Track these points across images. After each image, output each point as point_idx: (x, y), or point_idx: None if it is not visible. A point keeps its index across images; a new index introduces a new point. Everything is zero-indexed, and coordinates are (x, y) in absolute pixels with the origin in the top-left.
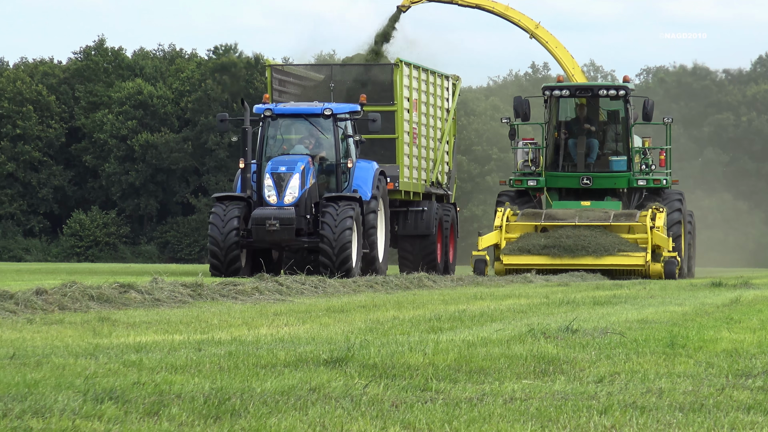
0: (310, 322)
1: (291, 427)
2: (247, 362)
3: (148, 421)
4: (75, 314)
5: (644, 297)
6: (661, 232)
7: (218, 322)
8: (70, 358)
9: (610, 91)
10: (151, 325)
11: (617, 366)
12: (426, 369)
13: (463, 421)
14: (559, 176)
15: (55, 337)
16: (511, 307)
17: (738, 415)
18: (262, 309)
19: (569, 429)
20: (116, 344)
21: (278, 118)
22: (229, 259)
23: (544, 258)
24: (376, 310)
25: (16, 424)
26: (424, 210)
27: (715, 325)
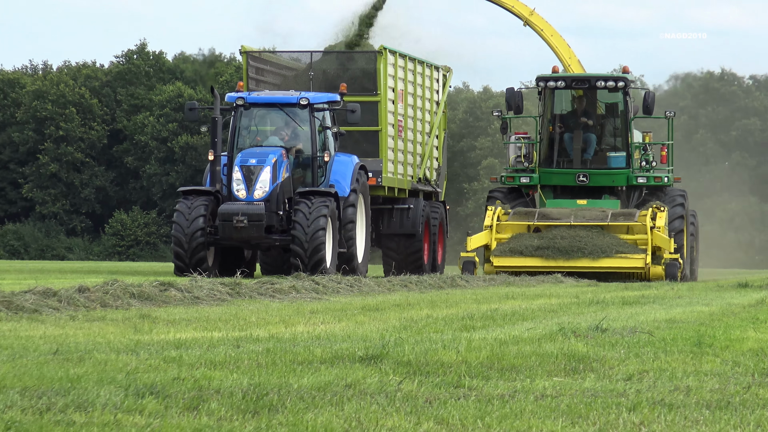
0: (345, 320)
1: (327, 422)
2: (284, 359)
3: (188, 416)
4: (116, 311)
5: (672, 297)
6: (662, 232)
7: (256, 319)
8: (112, 353)
9: (609, 82)
10: (191, 323)
11: (645, 364)
12: (459, 366)
13: (495, 417)
14: (553, 173)
15: (97, 333)
16: (542, 307)
17: (764, 412)
18: (299, 307)
19: (599, 425)
20: (156, 341)
21: (251, 107)
22: (194, 261)
23: (537, 260)
24: (410, 309)
25: (60, 417)
26: (410, 208)
27: (742, 324)
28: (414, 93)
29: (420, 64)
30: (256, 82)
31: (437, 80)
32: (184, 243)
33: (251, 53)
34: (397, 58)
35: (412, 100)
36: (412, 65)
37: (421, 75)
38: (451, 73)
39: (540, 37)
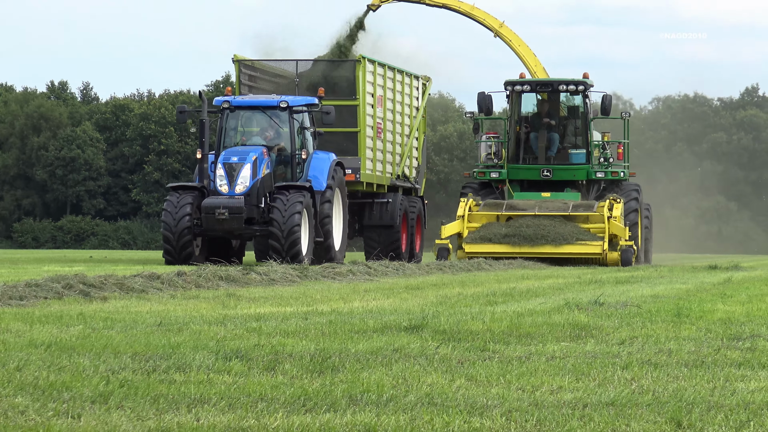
0: (392, 297)
1: (379, 379)
2: (343, 329)
3: (266, 375)
4: (208, 291)
5: (656, 277)
6: (617, 221)
7: (320, 297)
8: (204, 325)
9: (570, 86)
10: (268, 300)
11: (635, 331)
12: (484, 334)
13: (514, 374)
14: (520, 168)
15: (193, 309)
16: (551, 285)
17: (731, 370)
18: (355, 287)
19: (598, 381)
20: (240, 315)
21: (236, 110)
22: (180, 245)
23: (504, 246)
24: (444, 288)
25: (163, 377)
26: (388, 202)
27: (712, 299)
28: (393, 98)
29: (399, 73)
30: (249, 89)
31: (417, 88)
32: (172, 228)
33: (243, 62)
34: (376, 66)
35: (392, 104)
36: (391, 74)
37: (400, 83)
38: (431, 82)
39: (509, 47)
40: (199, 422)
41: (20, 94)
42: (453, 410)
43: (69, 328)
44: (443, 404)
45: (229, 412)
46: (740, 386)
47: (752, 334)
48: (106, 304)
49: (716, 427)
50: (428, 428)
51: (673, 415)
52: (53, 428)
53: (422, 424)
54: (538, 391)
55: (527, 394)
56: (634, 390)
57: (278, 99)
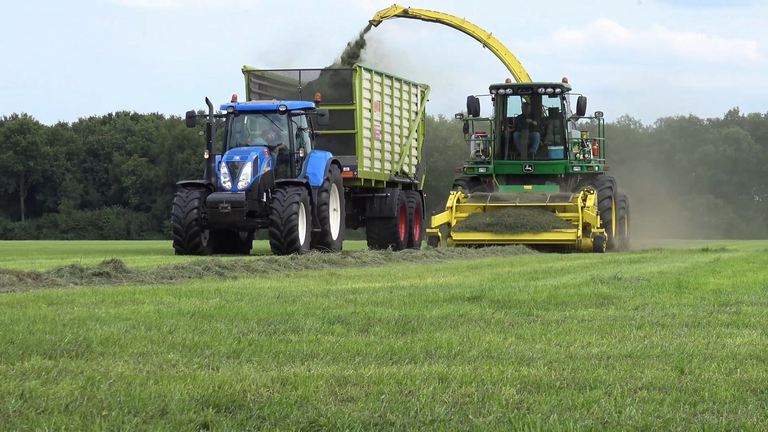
0: (457, 275)
1: (448, 338)
2: (420, 299)
3: (361, 335)
4: (315, 271)
5: (661, 258)
6: (591, 211)
7: (401, 275)
8: (313, 297)
9: (548, 89)
10: (361, 277)
11: (646, 299)
12: (529, 303)
13: (553, 333)
14: (505, 164)
15: (303, 285)
16: (580, 265)
17: (721, 329)
18: (428, 267)
19: (618, 338)
20: (340, 289)
21: (240, 114)
22: (189, 236)
23: (488, 234)
24: (497, 267)
25: (282, 338)
26: (387, 196)
27: (705, 274)
28: (391, 104)
29: (397, 81)
30: (259, 96)
31: (416, 95)
32: (182, 220)
33: (252, 72)
34: (373, 75)
35: (390, 109)
36: (389, 81)
37: (398, 90)
38: (429, 90)
39: (497, 56)
40: (310, 372)
41: (168, 120)
42: (506, 361)
43: (208, 300)
44: (498, 357)
45: (333, 364)
46: (729, 341)
47: (737, 301)
48: (236, 281)
49: (711, 373)
50: (487, 376)
51: (677, 364)
52: (198, 377)
53: (483, 372)
54: (572, 346)
55: (563, 348)
56: (646, 345)
57: (277, 103)
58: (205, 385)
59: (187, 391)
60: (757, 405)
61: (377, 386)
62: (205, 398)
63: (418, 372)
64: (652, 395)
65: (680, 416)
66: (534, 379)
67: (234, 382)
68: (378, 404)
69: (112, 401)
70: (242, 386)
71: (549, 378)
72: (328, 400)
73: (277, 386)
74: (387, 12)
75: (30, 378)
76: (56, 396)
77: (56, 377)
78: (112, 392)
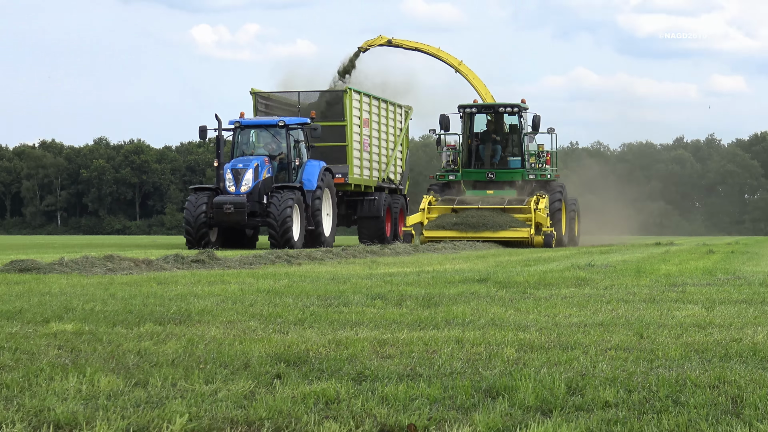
0: (469, 262)
1: (462, 310)
2: (441, 280)
3: (396, 308)
4: (359, 259)
5: (623, 250)
6: (542, 213)
7: (426, 262)
8: (358, 279)
9: (507, 108)
10: (395, 264)
11: (613, 281)
12: (524, 283)
13: (543, 306)
14: (471, 172)
15: (351, 269)
16: (563, 255)
17: (671, 304)
18: (446, 256)
19: (592, 310)
20: (380, 273)
21: (245, 128)
22: (199, 235)
23: (454, 232)
24: (499, 257)
25: (335, 309)
26: (375, 199)
27: (658, 262)
28: (378, 121)
29: (384, 102)
30: (265, 114)
31: (400, 114)
32: (192, 222)
33: (259, 93)
34: (362, 96)
35: (377, 125)
36: (376, 102)
37: (385, 109)
38: (412, 110)
39: (466, 80)
40: (357, 336)
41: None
42: (507, 328)
43: (279, 281)
44: (501, 325)
45: (374, 330)
46: (677, 313)
47: (683, 283)
48: (301, 267)
49: (663, 337)
50: (493, 339)
51: (637, 330)
52: (272, 339)
53: (489, 336)
54: (557, 316)
55: (550, 318)
56: (614, 316)
57: (277, 119)
58: (277, 345)
59: (264, 349)
60: (699, 362)
61: (409, 346)
62: (278, 355)
63: (439, 336)
64: (618, 354)
65: (641, 370)
66: (528, 342)
67: (300, 343)
68: (409, 360)
69: (207, 357)
70: (306, 346)
71: (540, 341)
72: (371, 357)
73: (332, 346)
74: (374, 41)
75: (144, 339)
76: (164, 353)
77: (164, 339)
78: (207, 350)
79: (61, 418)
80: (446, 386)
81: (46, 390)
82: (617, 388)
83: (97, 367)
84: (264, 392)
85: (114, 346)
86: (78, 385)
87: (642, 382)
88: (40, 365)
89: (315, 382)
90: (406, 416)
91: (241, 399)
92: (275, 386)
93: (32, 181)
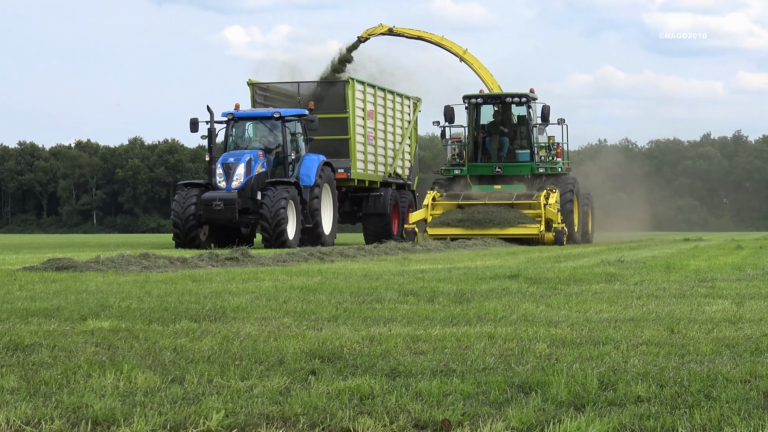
0: (500, 258)
1: (494, 306)
2: (472, 276)
3: (429, 304)
4: (392, 256)
5: (653, 246)
6: (552, 208)
7: (457, 258)
8: (390, 276)
9: (515, 98)
10: (427, 261)
11: (643, 277)
12: (554, 279)
13: (573, 302)
14: (477, 166)
15: (384, 266)
16: (593, 251)
17: (701, 299)
18: (477, 253)
19: (623, 306)
20: (412, 269)
21: (239, 120)
22: (186, 231)
23: (459, 229)
24: (530, 253)
25: (368, 306)
26: (380, 195)
27: (687, 258)
28: (384, 113)
29: (390, 93)
30: (264, 106)
31: (408, 106)
32: (180, 223)
33: (257, 85)
34: (365, 87)
35: (383, 118)
36: (382, 93)
37: (391, 101)
38: (421, 102)
39: (472, 69)
40: (390, 332)
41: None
42: (539, 324)
43: (312, 278)
44: (533, 320)
45: (407, 326)
46: (707, 308)
47: (712, 278)
48: (333, 264)
49: (694, 332)
50: (525, 335)
51: (668, 326)
52: (306, 335)
53: (521, 332)
54: (588, 312)
55: (581, 314)
56: (644, 311)
57: (272, 111)
58: (312, 342)
59: (299, 346)
60: (730, 356)
61: (441, 342)
62: (312, 351)
63: (472, 332)
64: (649, 349)
65: (672, 365)
66: (560, 337)
67: (333, 340)
68: (442, 356)
69: (243, 353)
70: (340, 342)
71: (571, 336)
72: (405, 353)
73: (366, 342)
74: (374, 30)
75: (180, 336)
76: (200, 350)
77: (200, 336)
78: (242, 347)
79: (99, 415)
80: (479, 382)
81: (84, 387)
82: (649, 383)
83: (134, 364)
84: (299, 388)
85: (150, 343)
86: (115, 382)
87: (674, 377)
88: (78, 362)
89: (349, 378)
90: (440, 411)
91: (277, 395)
92: (310, 382)
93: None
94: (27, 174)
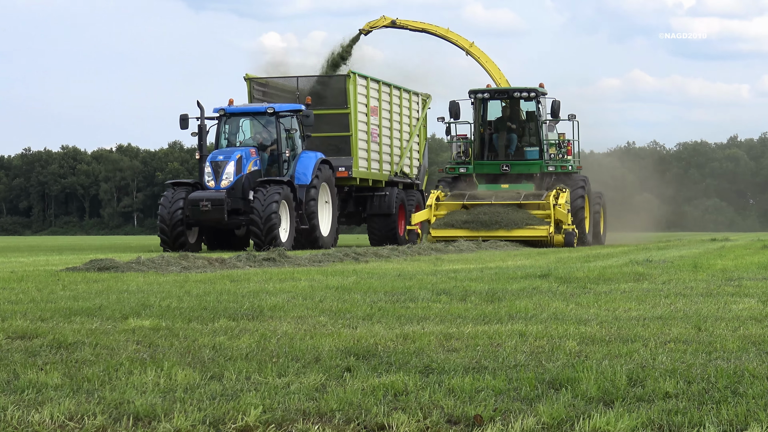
0: (530, 258)
1: (525, 305)
2: (503, 276)
3: (461, 303)
4: (425, 256)
5: (680, 246)
6: (562, 209)
7: (489, 258)
8: (424, 276)
9: (523, 93)
10: (459, 261)
11: (670, 276)
12: (584, 279)
13: (603, 301)
14: (484, 164)
15: (417, 266)
16: (622, 251)
17: (728, 297)
18: (508, 253)
19: (651, 304)
20: (444, 269)
21: (231, 116)
22: (174, 235)
23: (465, 231)
24: (559, 253)
25: (402, 305)
26: (386, 194)
27: (714, 257)
28: (390, 109)
29: (396, 88)
30: (262, 101)
31: (417, 102)
32: (167, 220)
33: (254, 79)
34: (368, 81)
35: (388, 114)
36: (387, 89)
37: (397, 97)
38: (430, 99)
39: (478, 63)
40: (424, 330)
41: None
42: (568, 322)
43: (347, 277)
44: (563, 319)
45: (440, 324)
46: (734, 307)
47: (739, 277)
48: (368, 264)
49: (721, 330)
50: (555, 333)
51: (695, 324)
52: (342, 334)
53: (551, 330)
54: (617, 310)
55: (610, 312)
56: (672, 310)
57: (265, 106)
58: (347, 340)
59: (334, 344)
60: (756, 354)
61: (474, 340)
62: (347, 349)
63: (503, 330)
64: (677, 346)
65: (699, 362)
66: (589, 335)
67: (368, 338)
68: (475, 353)
69: (280, 351)
70: (374, 340)
71: (601, 334)
72: (438, 351)
73: (400, 340)
74: (376, 22)
75: (219, 334)
76: (238, 347)
77: (238, 334)
78: (279, 345)
79: (140, 411)
80: (511, 378)
81: (126, 383)
82: (677, 380)
83: (174, 362)
84: (335, 385)
85: (190, 341)
86: (156, 379)
87: (701, 374)
88: (120, 360)
89: (384, 374)
90: (473, 407)
91: (313, 391)
92: (345, 379)
93: (110, 183)
94: (70, 177)
